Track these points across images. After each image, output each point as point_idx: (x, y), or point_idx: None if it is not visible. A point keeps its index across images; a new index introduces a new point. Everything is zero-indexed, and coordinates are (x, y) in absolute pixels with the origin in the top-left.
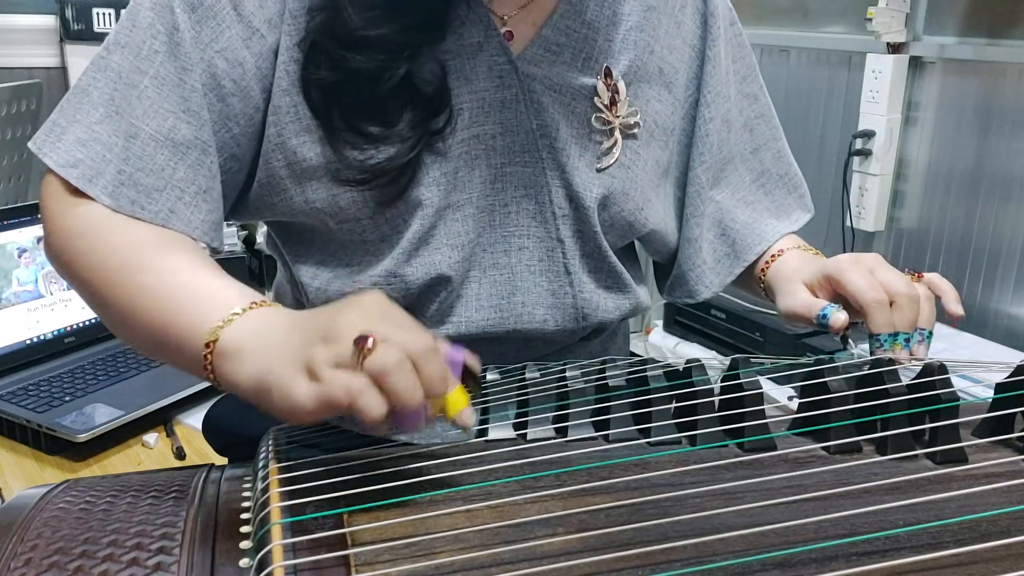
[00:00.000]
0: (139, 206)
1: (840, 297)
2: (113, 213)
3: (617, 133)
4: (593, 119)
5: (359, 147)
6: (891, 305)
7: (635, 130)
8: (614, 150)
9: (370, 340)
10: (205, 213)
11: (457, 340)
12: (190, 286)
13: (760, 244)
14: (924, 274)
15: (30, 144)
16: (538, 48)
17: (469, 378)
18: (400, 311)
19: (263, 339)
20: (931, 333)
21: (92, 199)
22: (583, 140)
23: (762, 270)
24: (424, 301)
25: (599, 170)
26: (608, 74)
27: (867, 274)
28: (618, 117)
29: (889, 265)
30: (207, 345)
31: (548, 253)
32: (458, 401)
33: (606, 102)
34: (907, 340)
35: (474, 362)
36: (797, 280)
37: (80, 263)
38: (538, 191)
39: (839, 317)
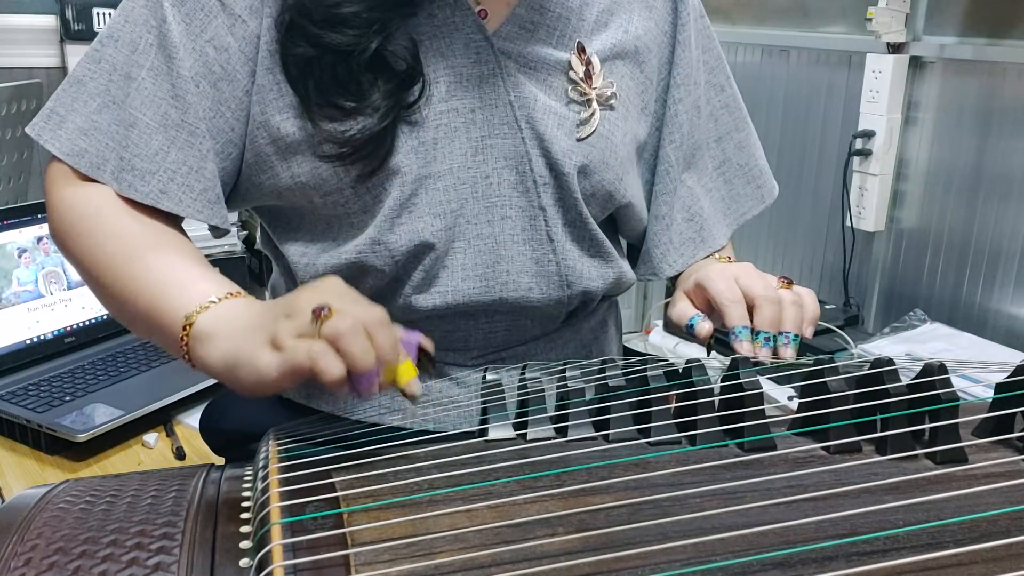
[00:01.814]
0: (133, 188)
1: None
2: (113, 201)
3: (595, 104)
4: (569, 91)
5: (336, 119)
6: (753, 308)
7: (612, 101)
8: (592, 120)
9: (325, 308)
10: (198, 192)
11: (445, 311)
12: (175, 276)
13: (719, 240)
14: (795, 286)
15: (28, 129)
16: (512, 26)
17: (424, 358)
18: (355, 292)
19: (232, 323)
20: (797, 336)
21: (92, 185)
22: (561, 110)
23: (675, 279)
24: (409, 269)
25: (579, 139)
26: (581, 49)
27: (730, 279)
28: (594, 89)
29: (758, 273)
30: (184, 328)
31: (531, 222)
32: (407, 371)
33: (581, 75)
34: (767, 339)
35: (428, 344)
36: (680, 289)
37: (80, 246)
38: (519, 161)
39: (704, 326)
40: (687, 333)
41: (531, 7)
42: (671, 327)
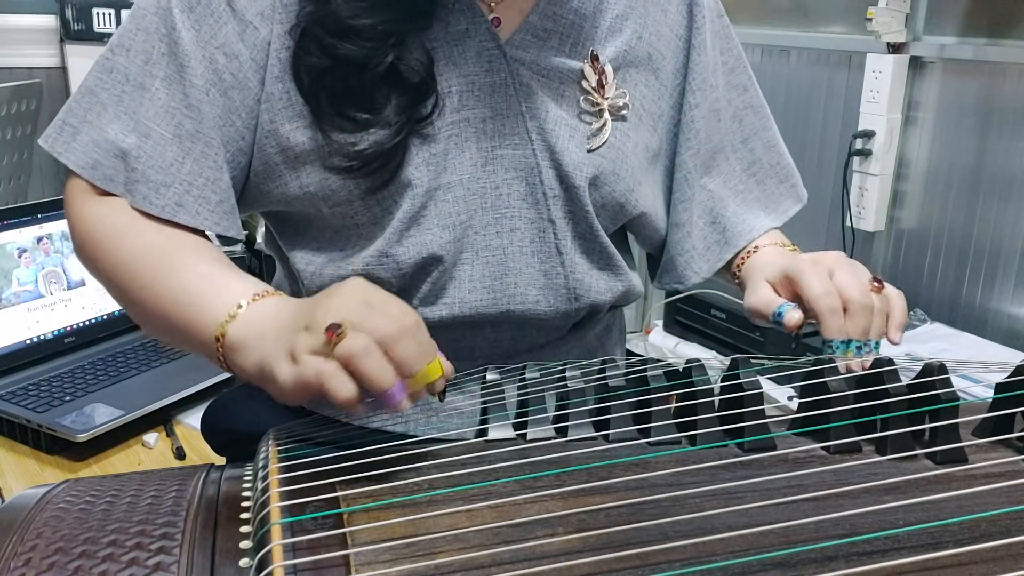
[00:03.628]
0: (148, 201)
1: (800, 297)
2: (134, 215)
3: (606, 115)
4: (581, 101)
5: (347, 131)
6: (845, 312)
7: (624, 112)
8: (604, 131)
9: (339, 328)
10: (214, 204)
11: (452, 322)
12: (202, 285)
13: (750, 233)
14: (885, 286)
15: (40, 141)
16: (525, 34)
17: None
18: (382, 293)
19: (262, 331)
20: (878, 344)
21: (111, 199)
22: (572, 121)
23: (738, 265)
24: (417, 282)
25: (590, 151)
26: (595, 58)
27: (824, 277)
28: (606, 99)
29: (850, 264)
30: (217, 340)
31: (540, 234)
32: (433, 370)
33: (593, 85)
34: (859, 348)
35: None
36: (761, 277)
37: (106, 262)
38: (529, 173)
39: (793, 316)
40: (772, 322)
41: (544, 15)
42: (754, 316)
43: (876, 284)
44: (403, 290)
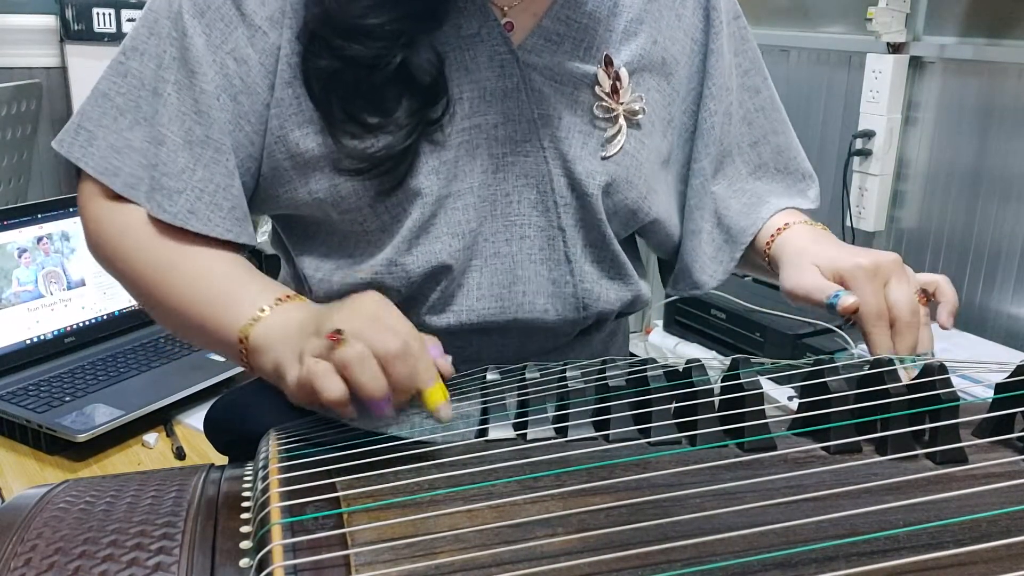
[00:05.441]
0: (162, 208)
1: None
2: (151, 219)
3: (621, 120)
4: (595, 107)
5: (358, 136)
6: (892, 326)
7: (639, 116)
8: (618, 137)
9: (339, 335)
10: (226, 211)
11: (459, 330)
12: (224, 285)
13: (754, 225)
14: (936, 278)
15: (54, 144)
16: (538, 38)
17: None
18: (394, 312)
19: (282, 335)
20: (925, 353)
21: (126, 202)
22: (586, 128)
23: (767, 243)
24: (425, 290)
25: (604, 158)
26: (608, 62)
27: (880, 294)
28: (621, 104)
29: (906, 275)
30: (240, 341)
31: (549, 242)
32: (435, 395)
33: (607, 90)
34: (900, 362)
35: (446, 367)
36: (808, 261)
37: (123, 261)
38: (540, 180)
39: (848, 301)
40: (825, 305)
41: (557, 19)
42: (797, 297)
43: (923, 296)
44: (411, 298)
